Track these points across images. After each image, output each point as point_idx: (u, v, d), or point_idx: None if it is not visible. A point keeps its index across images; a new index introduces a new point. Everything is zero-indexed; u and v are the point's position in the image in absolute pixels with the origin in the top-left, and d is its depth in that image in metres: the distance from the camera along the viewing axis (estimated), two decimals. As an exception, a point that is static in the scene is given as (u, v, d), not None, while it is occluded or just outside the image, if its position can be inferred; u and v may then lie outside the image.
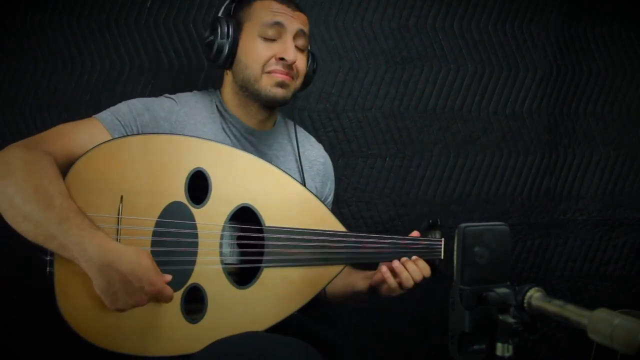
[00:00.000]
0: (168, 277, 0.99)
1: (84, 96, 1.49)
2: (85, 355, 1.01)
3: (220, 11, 1.22)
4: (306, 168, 1.31)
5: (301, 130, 1.38)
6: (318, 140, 1.43)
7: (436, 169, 1.70)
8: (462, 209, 1.72)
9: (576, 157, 1.81)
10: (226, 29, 1.17)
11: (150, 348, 1.01)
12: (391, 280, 1.16)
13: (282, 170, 1.16)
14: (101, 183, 1.00)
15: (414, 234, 1.22)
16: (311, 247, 1.13)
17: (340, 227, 1.18)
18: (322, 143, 1.43)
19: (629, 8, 1.80)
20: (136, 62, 1.51)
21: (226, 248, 1.10)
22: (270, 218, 1.11)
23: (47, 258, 0.95)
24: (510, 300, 0.69)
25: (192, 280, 1.04)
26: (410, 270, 1.15)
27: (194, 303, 1.05)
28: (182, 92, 1.25)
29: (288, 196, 1.14)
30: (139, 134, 1.10)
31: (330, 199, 1.39)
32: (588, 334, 0.59)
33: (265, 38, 1.17)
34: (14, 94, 1.47)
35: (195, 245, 1.05)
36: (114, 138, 1.05)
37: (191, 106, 1.21)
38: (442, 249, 1.21)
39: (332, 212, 1.20)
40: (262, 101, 1.20)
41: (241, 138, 1.23)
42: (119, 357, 0.99)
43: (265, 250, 1.10)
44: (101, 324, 0.98)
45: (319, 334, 1.17)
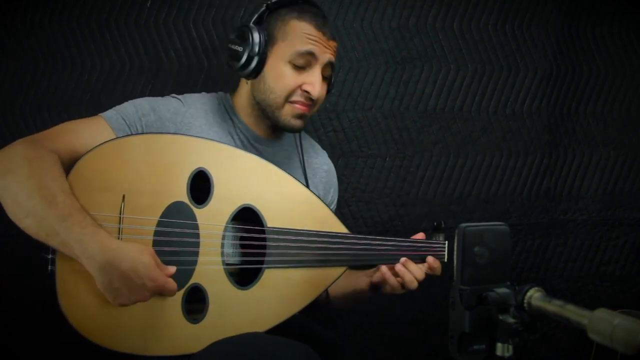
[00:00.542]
0: (171, 270, 0.98)
1: (84, 96, 1.49)
2: (85, 354, 1.02)
3: (252, 18, 1.16)
4: (310, 175, 1.31)
5: (306, 137, 1.37)
6: (318, 140, 1.43)
7: (436, 169, 1.70)
8: (462, 209, 1.72)
9: (576, 157, 1.81)
10: (258, 43, 1.13)
11: (151, 347, 1.01)
12: (392, 280, 1.15)
13: (284, 171, 1.16)
14: (103, 182, 1.00)
15: (419, 236, 1.21)
16: (313, 249, 1.13)
17: (342, 229, 1.17)
18: (322, 143, 1.43)
19: (629, 8, 1.79)
20: (136, 62, 1.51)
21: (228, 248, 1.10)
22: (272, 219, 1.11)
23: (49, 256, 0.95)
24: (510, 300, 0.69)
25: (194, 280, 1.04)
26: (412, 270, 1.14)
27: (195, 303, 1.05)
28: (190, 93, 1.24)
29: (290, 197, 1.14)
30: (142, 134, 1.10)
31: (333, 206, 1.38)
32: (588, 334, 0.59)
33: (295, 65, 1.15)
34: (14, 94, 1.46)
35: (196, 245, 1.05)
36: (117, 137, 1.05)
37: (198, 108, 1.20)
38: (446, 252, 1.20)
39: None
40: (279, 126, 1.20)
41: (248, 144, 1.22)
42: (120, 357, 0.99)
43: (266, 251, 1.10)
44: (102, 323, 0.98)
45: (320, 335, 1.17)
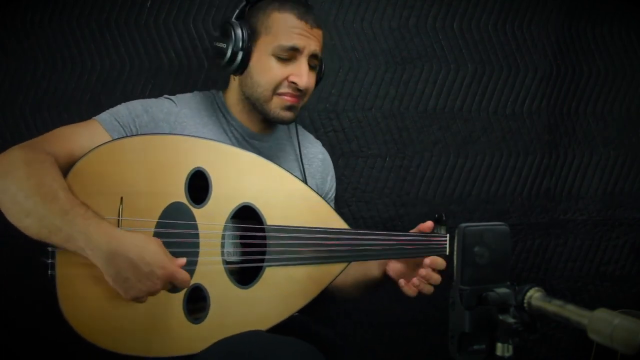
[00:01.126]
0: (182, 261, 0.97)
1: (84, 96, 1.49)
2: (86, 355, 1.02)
3: (234, 14, 1.15)
4: (306, 166, 1.31)
5: (300, 129, 1.37)
6: (318, 140, 1.43)
7: (436, 169, 1.70)
8: (462, 209, 1.72)
9: (576, 157, 1.80)
10: (241, 38, 1.13)
11: (153, 349, 1.01)
12: (410, 291, 1.11)
13: (283, 168, 1.16)
14: (101, 185, 1.00)
15: (427, 225, 1.15)
16: (314, 245, 1.13)
17: (342, 225, 1.17)
18: (322, 143, 1.43)
19: (629, 8, 1.79)
20: (136, 62, 1.51)
21: (228, 248, 1.10)
22: (271, 216, 1.11)
23: (49, 261, 0.95)
24: (510, 300, 0.69)
25: (195, 280, 1.04)
26: (429, 278, 1.10)
27: (197, 303, 1.05)
28: (182, 93, 1.25)
29: (289, 194, 1.14)
30: (138, 135, 1.10)
31: (331, 194, 1.39)
32: (588, 334, 0.59)
33: (279, 58, 1.14)
34: (14, 94, 1.46)
35: (196, 245, 1.05)
36: (113, 139, 1.06)
37: (191, 107, 1.20)
38: (448, 245, 1.15)
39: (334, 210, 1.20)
40: (269, 119, 1.20)
41: (242, 141, 1.23)
42: (122, 358, 0.99)
43: (267, 249, 1.10)
44: (104, 326, 0.98)
45: (320, 335, 1.17)
